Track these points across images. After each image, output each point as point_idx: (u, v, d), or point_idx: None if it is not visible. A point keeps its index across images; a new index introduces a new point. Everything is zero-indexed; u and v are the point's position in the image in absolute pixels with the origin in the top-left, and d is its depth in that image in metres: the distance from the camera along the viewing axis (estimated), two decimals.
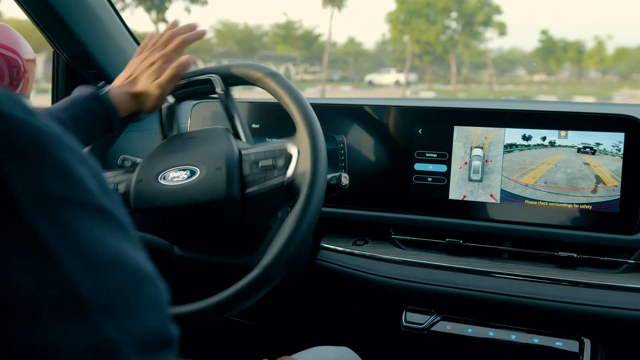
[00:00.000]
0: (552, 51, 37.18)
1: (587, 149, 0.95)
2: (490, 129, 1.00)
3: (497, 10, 33.69)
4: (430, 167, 1.04)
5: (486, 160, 1.00)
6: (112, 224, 0.32)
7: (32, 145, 0.29)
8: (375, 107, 1.08)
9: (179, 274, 0.92)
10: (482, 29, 34.27)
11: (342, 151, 1.09)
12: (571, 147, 0.96)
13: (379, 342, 1.11)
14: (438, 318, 0.98)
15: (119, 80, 0.89)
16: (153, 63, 0.87)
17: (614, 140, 0.93)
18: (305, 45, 37.53)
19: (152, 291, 0.33)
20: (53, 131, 0.31)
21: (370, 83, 31.49)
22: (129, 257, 0.32)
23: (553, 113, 0.98)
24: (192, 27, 0.91)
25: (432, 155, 1.04)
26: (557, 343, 0.90)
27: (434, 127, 1.04)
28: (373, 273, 1.01)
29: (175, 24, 0.92)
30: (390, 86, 29.74)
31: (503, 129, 0.99)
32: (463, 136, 1.02)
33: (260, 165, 0.82)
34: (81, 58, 1.23)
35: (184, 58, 0.87)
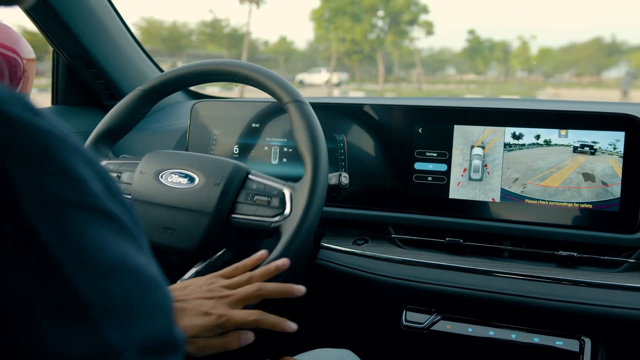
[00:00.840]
0: (479, 51, 37.55)
1: (586, 148, 0.95)
2: (496, 135, 1.00)
3: (424, 9, 33.49)
4: (430, 167, 1.03)
5: (485, 165, 1.00)
6: (117, 228, 0.31)
7: (36, 146, 0.29)
8: (376, 106, 1.08)
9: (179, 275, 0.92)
10: (409, 28, 33.93)
11: (342, 150, 1.09)
12: (567, 145, 0.96)
13: (379, 341, 1.10)
14: (438, 317, 0.98)
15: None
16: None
17: (610, 139, 0.93)
18: (233, 43, 36.38)
19: (157, 295, 0.32)
20: (58, 132, 0.30)
21: (301, 83, 30.85)
22: (133, 261, 0.31)
23: (553, 112, 0.97)
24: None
25: (432, 154, 1.03)
26: (557, 342, 0.90)
27: (434, 126, 1.04)
28: (373, 272, 1.01)
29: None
30: (321, 86, 29.11)
31: (504, 128, 0.99)
32: (463, 135, 1.02)
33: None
34: (81, 57, 1.23)
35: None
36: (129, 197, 0.93)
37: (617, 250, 0.94)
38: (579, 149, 0.95)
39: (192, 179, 0.87)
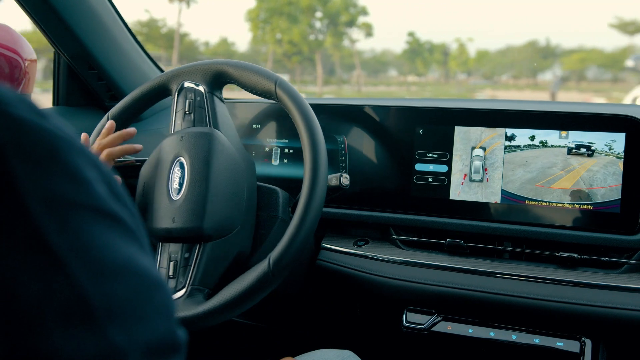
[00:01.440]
0: (418, 53, 37.80)
1: (583, 149, 0.95)
2: (497, 136, 1.00)
3: (364, 11, 33.32)
4: (431, 168, 1.03)
5: (485, 169, 1.00)
6: (121, 229, 0.31)
7: (43, 148, 0.29)
8: (376, 107, 1.08)
9: None
10: (348, 29, 33.63)
11: (343, 151, 1.09)
12: (565, 147, 0.96)
13: (380, 342, 1.11)
14: (439, 318, 0.98)
15: None
16: None
17: (607, 140, 0.93)
18: (171, 44, 35.76)
19: (161, 296, 0.32)
20: (64, 134, 0.30)
21: None
22: (138, 262, 0.31)
23: (554, 113, 0.98)
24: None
25: (432, 155, 1.04)
26: (558, 343, 0.90)
27: (434, 127, 1.04)
28: (374, 273, 1.01)
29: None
30: None
31: (504, 129, 0.99)
32: (464, 137, 1.02)
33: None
34: (82, 58, 1.23)
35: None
36: (166, 135, 0.95)
37: (617, 251, 0.94)
38: (574, 149, 0.95)
39: (178, 192, 0.87)
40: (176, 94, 0.96)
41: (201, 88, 0.94)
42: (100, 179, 0.31)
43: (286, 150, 1.12)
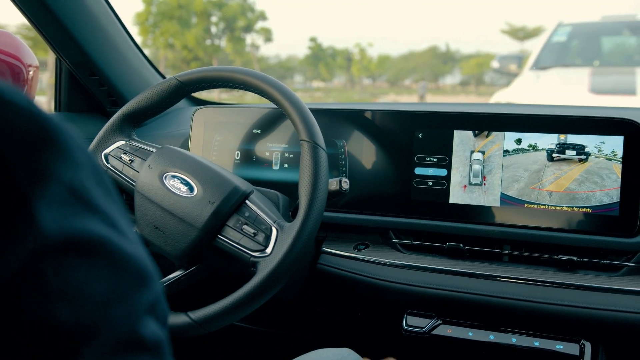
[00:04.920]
0: (321, 58, 37.65)
1: (580, 153, 0.95)
2: (495, 140, 1.01)
3: (262, 16, 32.89)
4: (430, 172, 1.04)
5: (484, 178, 1.00)
6: (99, 218, 0.32)
7: (33, 128, 0.29)
8: (376, 112, 1.09)
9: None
10: (245, 34, 33.15)
11: (343, 156, 1.10)
12: (561, 151, 0.96)
13: (380, 345, 1.11)
14: (439, 322, 0.98)
15: None
16: None
17: (604, 143, 0.94)
18: None
19: (138, 284, 0.33)
20: (53, 116, 0.31)
21: None
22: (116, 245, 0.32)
23: (552, 117, 0.98)
24: None
25: (432, 159, 1.04)
26: (557, 346, 0.91)
27: (434, 131, 1.04)
28: (374, 277, 1.01)
29: None
30: None
31: (503, 133, 1.00)
32: (463, 140, 1.02)
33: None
34: (84, 65, 1.24)
35: None
36: (133, 184, 0.94)
37: (616, 254, 0.94)
38: (570, 153, 0.96)
39: (191, 189, 0.88)
40: (106, 162, 1.00)
41: (119, 143, 1.01)
42: (86, 163, 0.32)
43: (286, 155, 1.13)
